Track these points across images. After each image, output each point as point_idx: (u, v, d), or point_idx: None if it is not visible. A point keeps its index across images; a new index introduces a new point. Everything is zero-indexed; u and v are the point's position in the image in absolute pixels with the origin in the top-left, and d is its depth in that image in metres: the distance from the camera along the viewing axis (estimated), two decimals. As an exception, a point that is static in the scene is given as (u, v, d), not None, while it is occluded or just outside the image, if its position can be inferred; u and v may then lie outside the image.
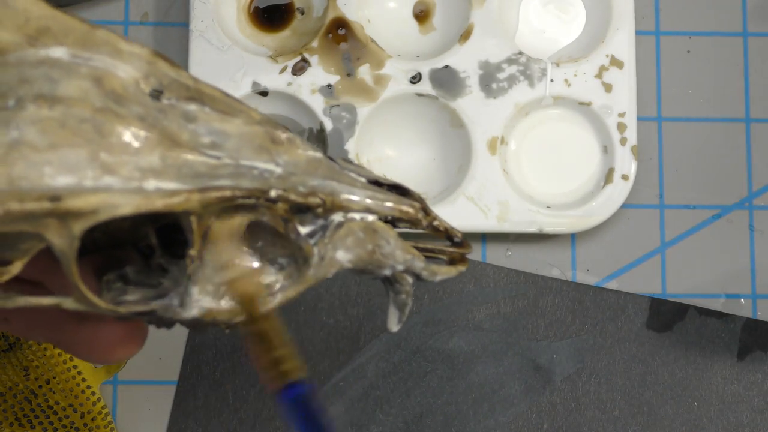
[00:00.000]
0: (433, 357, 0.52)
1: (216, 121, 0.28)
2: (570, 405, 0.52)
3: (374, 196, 0.30)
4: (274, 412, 0.52)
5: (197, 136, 0.28)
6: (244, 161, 0.28)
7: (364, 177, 0.30)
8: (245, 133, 0.28)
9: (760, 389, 0.52)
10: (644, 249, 0.53)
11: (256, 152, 0.28)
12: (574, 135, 0.53)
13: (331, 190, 0.29)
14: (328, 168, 0.29)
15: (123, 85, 0.27)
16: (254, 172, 0.28)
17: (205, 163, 0.28)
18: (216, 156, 0.28)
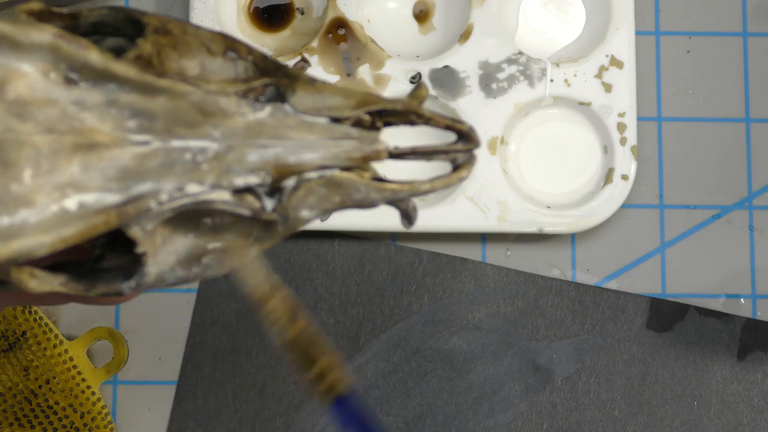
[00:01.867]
0: (433, 357, 0.52)
1: (139, 101, 0.26)
2: (570, 405, 0.52)
3: (332, 147, 0.27)
4: (274, 412, 0.52)
5: (122, 121, 0.26)
6: (175, 142, 0.26)
7: (325, 116, 0.27)
8: (171, 109, 0.26)
9: (760, 389, 0.52)
10: (644, 249, 0.53)
11: (188, 128, 0.26)
12: (574, 135, 0.53)
13: (275, 158, 0.26)
14: (272, 128, 0.27)
15: (30, 85, 0.25)
16: (186, 157, 0.26)
17: (133, 154, 0.26)
18: (144, 141, 0.26)
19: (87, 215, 0.25)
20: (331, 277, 0.52)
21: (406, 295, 0.52)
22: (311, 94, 0.27)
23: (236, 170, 0.26)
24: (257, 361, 0.52)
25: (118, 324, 0.52)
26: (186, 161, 0.26)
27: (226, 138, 0.26)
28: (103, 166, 0.25)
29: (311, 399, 0.52)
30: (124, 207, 0.25)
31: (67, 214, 0.25)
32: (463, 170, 0.28)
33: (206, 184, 0.26)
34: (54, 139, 0.25)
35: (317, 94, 0.27)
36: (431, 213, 0.51)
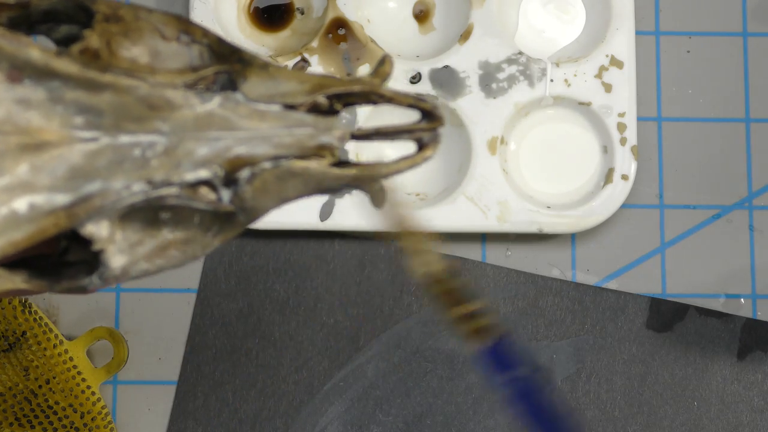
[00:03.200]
0: (433, 357, 0.52)
1: (84, 97, 0.25)
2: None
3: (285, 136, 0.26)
4: (274, 412, 0.52)
5: (68, 118, 0.25)
6: (124, 137, 0.25)
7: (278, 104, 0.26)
8: (117, 105, 0.25)
9: (760, 389, 0.52)
10: (644, 249, 0.53)
11: (136, 123, 0.25)
12: (574, 135, 0.53)
13: (226, 150, 0.25)
14: (222, 119, 0.26)
15: None
16: (135, 153, 0.25)
17: (82, 151, 0.25)
18: (92, 138, 0.25)
19: (37, 217, 0.25)
20: (331, 277, 0.52)
21: (406, 295, 0.52)
22: (265, 80, 0.26)
23: (186, 165, 0.25)
24: (257, 361, 0.52)
25: (118, 324, 0.52)
26: (135, 157, 0.25)
27: (175, 132, 0.25)
28: (52, 166, 0.25)
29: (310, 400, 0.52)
30: (73, 208, 0.25)
31: (17, 216, 0.24)
32: (428, 149, 0.27)
33: (156, 180, 0.25)
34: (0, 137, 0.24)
35: (271, 80, 0.26)
36: (431, 213, 0.51)
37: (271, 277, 0.52)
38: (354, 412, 0.52)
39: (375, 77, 0.27)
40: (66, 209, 0.25)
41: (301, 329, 0.52)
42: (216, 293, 0.52)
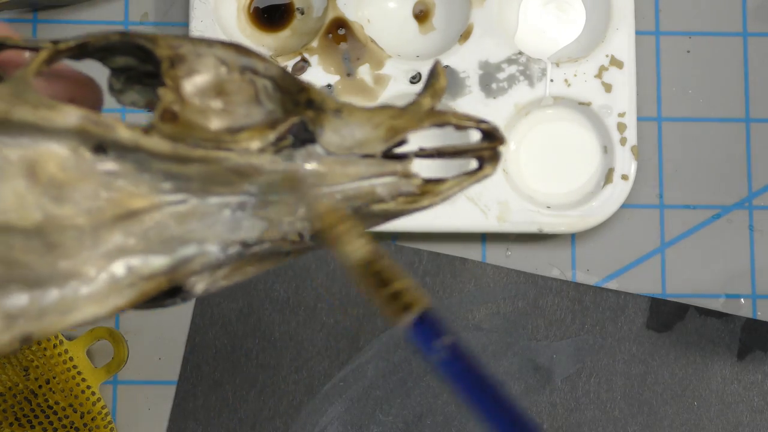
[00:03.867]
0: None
1: (172, 167, 0.25)
2: (570, 405, 0.52)
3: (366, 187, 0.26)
4: (274, 412, 0.52)
5: (156, 183, 0.25)
6: (212, 199, 0.26)
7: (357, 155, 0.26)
8: (205, 173, 0.25)
9: (760, 389, 0.52)
10: (644, 249, 0.53)
11: (225, 186, 0.26)
12: (574, 135, 0.53)
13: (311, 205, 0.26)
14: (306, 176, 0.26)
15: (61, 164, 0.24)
16: (226, 214, 0.26)
17: (172, 214, 0.25)
18: (181, 200, 0.26)
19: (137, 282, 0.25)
20: (331, 277, 0.52)
21: (406, 295, 0.52)
22: (340, 128, 0.26)
23: (277, 223, 0.26)
24: (257, 361, 0.52)
25: (118, 324, 0.52)
26: (226, 219, 0.26)
27: (263, 192, 0.26)
28: (144, 230, 0.25)
29: (310, 400, 0.52)
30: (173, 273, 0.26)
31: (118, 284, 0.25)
32: (488, 167, 0.28)
33: (250, 241, 0.26)
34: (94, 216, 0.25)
35: (345, 126, 0.26)
36: (431, 213, 0.50)
37: (271, 277, 0.52)
38: (354, 412, 0.52)
39: (430, 94, 0.27)
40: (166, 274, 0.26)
41: (301, 329, 0.52)
42: (216, 293, 0.52)
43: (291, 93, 0.26)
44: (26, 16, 0.54)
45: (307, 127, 0.26)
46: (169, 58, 0.26)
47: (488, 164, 0.27)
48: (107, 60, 0.27)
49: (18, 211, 0.24)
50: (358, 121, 0.26)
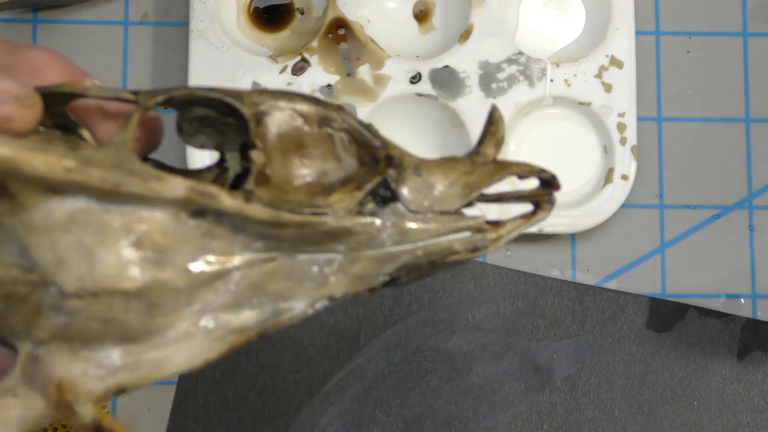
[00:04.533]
0: (433, 357, 0.52)
1: (267, 230, 0.26)
2: (570, 405, 0.52)
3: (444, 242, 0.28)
4: (274, 412, 0.52)
5: (249, 243, 0.26)
6: (301, 256, 0.27)
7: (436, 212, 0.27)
8: (299, 235, 0.26)
9: (760, 389, 0.52)
10: (644, 249, 0.53)
11: (314, 245, 0.27)
12: (574, 135, 0.53)
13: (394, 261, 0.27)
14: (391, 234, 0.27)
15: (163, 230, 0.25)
16: (314, 270, 0.27)
17: (263, 271, 0.27)
18: (271, 258, 0.27)
19: (226, 335, 0.26)
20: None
21: (406, 295, 0.52)
22: (419, 186, 0.27)
23: (363, 279, 0.27)
24: (257, 361, 0.52)
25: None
26: (314, 275, 0.27)
27: (350, 249, 0.27)
28: (236, 286, 0.26)
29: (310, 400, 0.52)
30: (264, 328, 0.27)
31: (208, 336, 0.26)
32: (544, 212, 0.29)
33: (337, 296, 0.27)
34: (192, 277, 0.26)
35: (423, 184, 0.27)
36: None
37: (271, 277, 0.52)
38: (354, 412, 0.52)
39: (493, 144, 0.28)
40: (256, 328, 0.27)
41: (301, 329, 0.52)
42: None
43: (367, 146, 0.27)
44: (26, 16, 0.54)
45: (389, 185, 0.27)
46: (254, 116, 0.26)
47: (544, 208, 0.29)
48: (186, 110, 0.28)
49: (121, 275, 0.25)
50: (436, 178, 0.27)
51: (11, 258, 0.25)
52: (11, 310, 0.25)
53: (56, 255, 0.25)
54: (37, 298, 0.25)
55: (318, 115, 0.27)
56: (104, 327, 0.25)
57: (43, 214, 0.25)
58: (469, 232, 0.27)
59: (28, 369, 0.25)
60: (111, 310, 0.25)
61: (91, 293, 0.25)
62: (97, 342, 0.25)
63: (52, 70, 0.27)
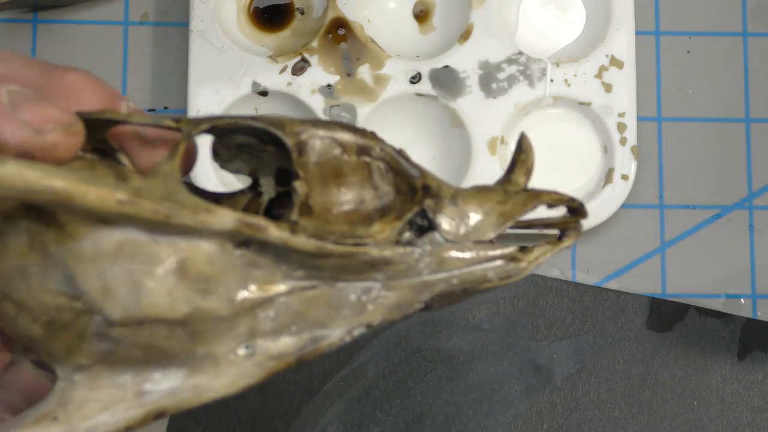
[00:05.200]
0: (433, 357, 0.52)
1: (309, 260, 0.27)
2: (570, 405, 0.52)
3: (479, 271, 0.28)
4: (274, 412, 0.52)
5: (290, 272, 0.27)
6: (340, 284, 0.27)
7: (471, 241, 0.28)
8: (340, 265, 0.27)
9: (760, 389, 0.52)
10: (644, 249, 0.53)
11: (353, 274, 0.27)
12: (574, 135, 0.53)
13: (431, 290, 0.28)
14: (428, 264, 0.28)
15: (209, 260, 0.26)
16: (352, 298, 0.27)
17: (302, 298, 0.27)
18: (312, 286, 0.27)
19: (265, 361, 0.27)
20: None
21: (406, 295, 0.52)
22: (455, 215, 0.28)
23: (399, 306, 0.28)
24: (257, 361, 0.52)
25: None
26: (352, 302, 0.27)
27: (388, 278, 0.27)
28: (275, 314, 0.27)
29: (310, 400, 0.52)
30: (302, 354, 0.27)
31: (248, 362, 0.27)
32: (570, 239, 0.30)
33: (374, 324, 0.28)
34: (234, 305, 0.26)
35: (460, 213, 0.28)
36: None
37: (271, 277, 0.52)
38: (354, 412, 0.52)
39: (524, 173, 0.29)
40: (294, 354, 0.27)
41: (301, 329, 0.52)
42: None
43: (404, 175, 0.28)
44: (26, 16, 0.54)
45: (426, 215, 0.27)
46: (296, 145, 0.27)
47: (571, 235, 0.30)
48: (225, 137, 0.28)
49: (166, 305, 0.25)
50: (471, 208, 0.28)
51: (57, 286, 0.25)
52: (53, 336, 0.26)
53: (103, 284, 0.25)
54: (81, 325, 0.25)
55: (356, 144, 0.28)
56: (146, 353, 0.26)
57: (91, 244, 0.25)
58: (502, 261, 0.28)
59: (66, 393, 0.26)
60: (154, 337, 0.26)
61: (136, 322, 0.25)
62: (139, 367, 0.26)
63: (89, 93, 0.27)
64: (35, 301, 0.25)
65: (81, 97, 0.27)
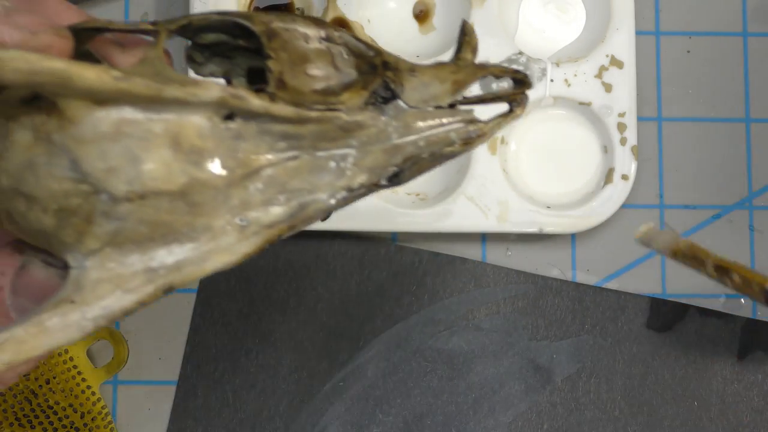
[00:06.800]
0: (433, 357, 0.52)
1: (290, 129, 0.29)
2: (570, 405, 0.52)
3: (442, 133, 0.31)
4: (274, 412, 0.52)
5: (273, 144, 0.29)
6: (320, 153, 0.29)
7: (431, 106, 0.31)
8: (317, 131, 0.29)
9: (760, 389, 0.52)
10: (644, 249, 0.53)
11: (331, 142, 0.29)
12: (574, 135, 0.53)
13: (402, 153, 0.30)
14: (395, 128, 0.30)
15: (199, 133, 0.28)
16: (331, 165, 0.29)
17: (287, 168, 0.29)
18: (294, 156, 0.29)
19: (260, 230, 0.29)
20: (331, 277, 0.52)
21: (406, 295, 0.52)
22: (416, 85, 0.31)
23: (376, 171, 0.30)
24: (257, 361, 0.52)
25: (118, 324, 0.52)
26: (332, 169, 0.30)
27: (362, 144, 0.30)
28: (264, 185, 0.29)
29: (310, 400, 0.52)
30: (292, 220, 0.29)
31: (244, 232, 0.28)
32: (519, 109, 0.32)
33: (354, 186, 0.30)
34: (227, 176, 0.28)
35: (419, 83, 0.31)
36: (431, 213, 0.51)
37: (272, 277, 0.52)
38: (354, 412, 0.52)
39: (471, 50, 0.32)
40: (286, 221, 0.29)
41: (301, 329, 0.52)
42: (216, 293, 0.52)
43: (364, 56, 0.30)
44: (26, 16, 0.54)
45: (388, 85, 0.30)
46: (265, 32, 0.29)
47: (518, 107, 0.32)
48: (197, 37, 0.31)
49: (165, 177, 0.27)
50: (428, 78, 0.31)
51: (63, 172, 0.27)
52: (63, 224, 0.27)
53: (106, 163, 0.26)
54: (88, 207, 0.27)
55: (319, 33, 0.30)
56: (151, 229, 0.27)
57: (91, 127, 0.26)
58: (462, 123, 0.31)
59: (80, 279, 0.27)
60: (157, 211, 0.27)
61: (140, 196, 0.27)
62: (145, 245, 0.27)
63: (68, 14, 0.29)
64: (44, 191, 0.27)
65: (60, 16, 0.29)
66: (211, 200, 0.28)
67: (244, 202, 0.28)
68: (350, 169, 0.30)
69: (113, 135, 0.26)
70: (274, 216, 0.29)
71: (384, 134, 0.30)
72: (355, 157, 0.30)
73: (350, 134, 0.29)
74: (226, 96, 0.27)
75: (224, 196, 0.28)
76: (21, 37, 0.26)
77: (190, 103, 0.27)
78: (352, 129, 0.29)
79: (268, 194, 0.29)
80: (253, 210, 0.29)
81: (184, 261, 0.28)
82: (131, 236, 0.27)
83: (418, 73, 0.31)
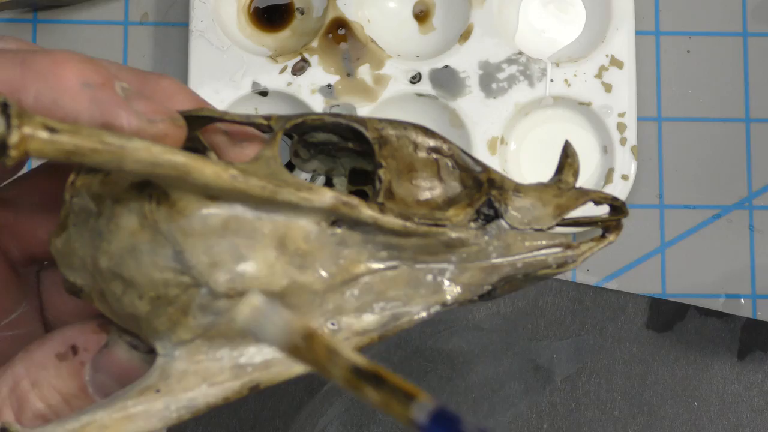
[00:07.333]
0: (433, 357, 0.52)
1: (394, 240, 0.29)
2: (570, 405, 0.52)
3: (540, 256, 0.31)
4: (274, 412, 0.52)
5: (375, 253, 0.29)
6: (419, 265, 0.29)
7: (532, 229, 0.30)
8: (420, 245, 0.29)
9: (760, 389, 0.52)
10: (644, 249, 0.53)
11: (431, 255, 0.29)
12: (574, 135, 0.53)
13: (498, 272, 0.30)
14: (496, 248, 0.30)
15: (305, 236, 0.28)
16: (428, 278, 0.29)
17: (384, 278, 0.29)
18: (393, 266, 0.29)
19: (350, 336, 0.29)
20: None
21: (406, 295, 0.52)
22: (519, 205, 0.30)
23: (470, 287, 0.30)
24: (257, 361, 0.52)
25: (118, 324, 0.52)
26: (429, 282, 0.29)
27: (461, 260, 0.30)
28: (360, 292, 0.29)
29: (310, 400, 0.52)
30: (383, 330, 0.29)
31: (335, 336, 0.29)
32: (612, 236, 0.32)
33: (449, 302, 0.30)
34: (326, 281, 0.28)
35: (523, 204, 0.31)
36: (431, 213, 0.51)
37: (271, 277, 0.52)
38: (354, 412, 0.52)
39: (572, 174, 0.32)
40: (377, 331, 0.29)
41: (301, 329, 0.52)
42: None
43: (469, 170, 0.30)
44: (26, 16, 0.54)
45: (493, 204, 0.30)
46: (377, 139, 0.29)
47: (613, 233, 0.32)
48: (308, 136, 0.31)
49: (267, 277, 0.27)
50: (532, 200, 0.31)
51: (166, 261, 0.26)
52: (158, 312, 0.27)
53: (210, 258, 0.26)
54: (186, 299, 0.27)
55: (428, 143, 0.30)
56: None
57: (200, 221, 0.26)
58: (560, 248, 0.31)
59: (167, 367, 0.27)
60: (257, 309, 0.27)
61: (239, 293, 0.27)
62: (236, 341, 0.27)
63: (181, 98, 0.29)
64: (144, 277, 0.27)
65: (174, 100, 0.29)
66: (308, 303, 0.28)
67: (338, 307, 0.28)
68: (447, 283, 0.30)
69: (221, 231, 0.26)
70: (367, 323, 0.29)
71: (484, 253, 0.30)
72: (452, 273, 0.30)
73: (452, 250, 0.29)
74: (339, 204, 0.27)
75: (321, 300, 0.28)
76: (139, 124, 0.26)
77: (301, 208, 0.27)
78: (455, 245, 0.29)
79: (363, 301, 0.29)
80: (346, 315, 0.29)
81: (272, 361, 0.28)
82: (223, 331, 0.27)
83: (522, 194, 0.30)
